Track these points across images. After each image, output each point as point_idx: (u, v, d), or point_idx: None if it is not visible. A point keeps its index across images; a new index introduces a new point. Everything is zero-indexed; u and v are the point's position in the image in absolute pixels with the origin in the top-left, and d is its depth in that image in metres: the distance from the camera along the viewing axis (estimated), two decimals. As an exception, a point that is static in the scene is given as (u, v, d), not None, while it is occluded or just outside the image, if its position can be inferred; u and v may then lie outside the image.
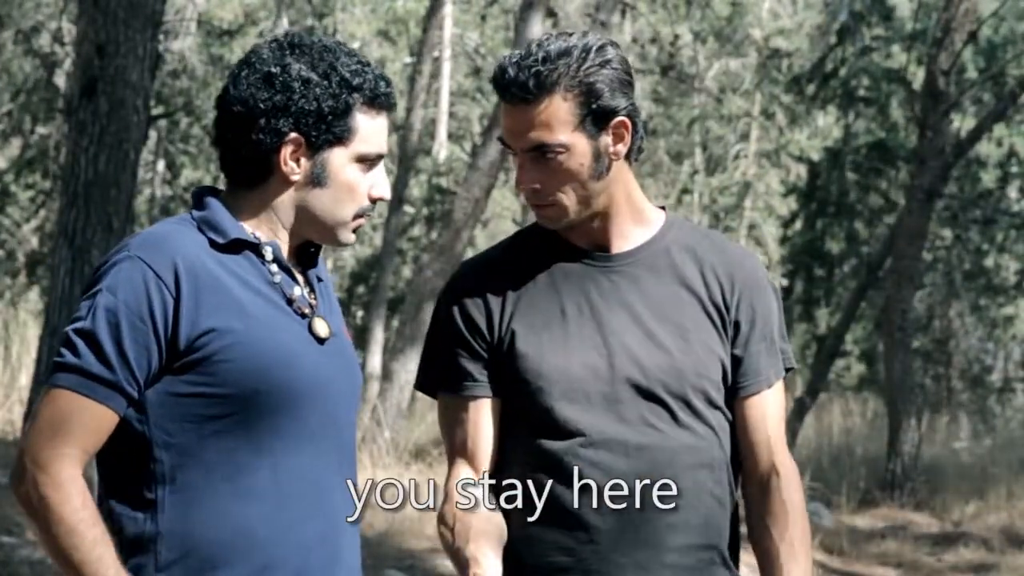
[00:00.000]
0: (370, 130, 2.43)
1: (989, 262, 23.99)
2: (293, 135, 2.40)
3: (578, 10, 19.00)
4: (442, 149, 23.36)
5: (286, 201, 2.44)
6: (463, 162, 23.21)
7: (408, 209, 21.56)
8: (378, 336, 15.55)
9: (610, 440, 2.57)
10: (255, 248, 2.43)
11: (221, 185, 2.57)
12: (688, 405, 2.61)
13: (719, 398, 2.65)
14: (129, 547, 2.35)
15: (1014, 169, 22.40)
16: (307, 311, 2.45)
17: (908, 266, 14.20)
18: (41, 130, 20.74)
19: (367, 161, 2.44)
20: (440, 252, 12.94)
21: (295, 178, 2.42)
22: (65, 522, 2.27)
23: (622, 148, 2.62)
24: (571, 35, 2.62)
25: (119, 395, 2.32)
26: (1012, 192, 23.24)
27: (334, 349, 2.47)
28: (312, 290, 2.50)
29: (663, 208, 2.76)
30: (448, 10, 20.09)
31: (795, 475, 2.69)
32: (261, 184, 2.44)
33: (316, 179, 2.42)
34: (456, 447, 2.65)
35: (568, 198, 2.60)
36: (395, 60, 24.86)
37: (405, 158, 16.31)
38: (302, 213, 2.44)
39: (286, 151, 2.40)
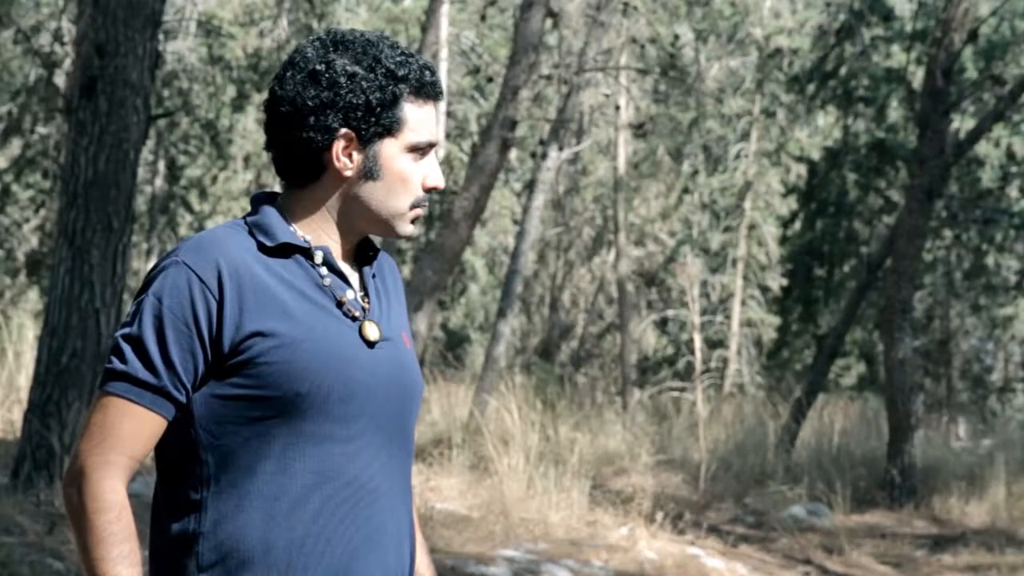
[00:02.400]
0: (418, 119, 2.44)
1: (989, 262, 24.00)
2: (344, 130, 2.40)
3: (578, 10, 18.99)
4: (441, 149, 23.37)
5: (341, 197, 2.45)
6: (462, 162, 23.21)
7: (408, 209, 21.51)
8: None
9: None
10: (306, 252, 2.43)
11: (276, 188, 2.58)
12: None
13: None
14: (174, 546, 2.37)
15: (1014, 169, 22.40)
16: (358, 314, 2.45)
17: (908, 266, 14.20)
18: (41, 130, 20.74)
19: (418, 150, 2.45)
20: (440, 252, 12.94)
21: (348, 173, 2.42)
22: (96, 532, 2.30)
23: None
24: None
25: (166, 400, 2.34)
26: (1012, 192, 23.24)
27: (386, 353, 2.46)
28: (366, 293, 2.50)
29: None
30: (445, 9, 20.08)
31: None
32: (314, 182, 2.44)
33: (369, 172, 2.43)
34: None
35: None
36: (395, 60, 24.85)
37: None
38: (357, 208, 2.45)
39: (338, 147, 2.41)
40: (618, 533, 10.00)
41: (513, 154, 22.88)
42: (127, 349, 2.35)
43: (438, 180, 2.47)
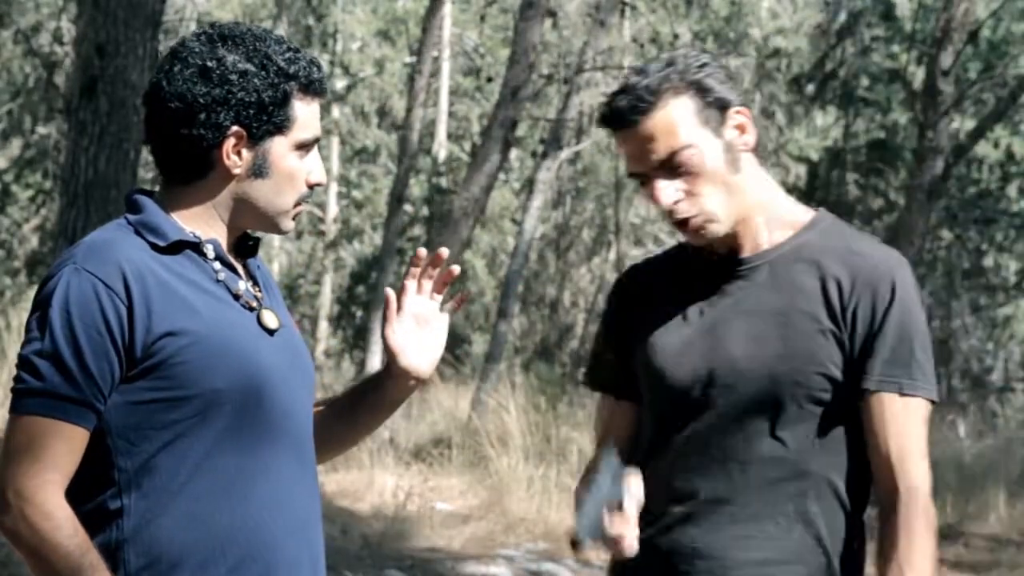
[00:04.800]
0: (307, 116, 2.42)
1: (989, 262, 24.01)
2: (235, 128, 2.37)
3: (578, 10, 19.01)
4: (441, 149, 23.36)
5: (227, 195, 2.42)
6: (463, 162, 23.22)
7: (408, 209, 21.57)
8: (378, 336, 15.53)
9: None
10: (195, 247, 2.41)
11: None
12: (782, 410, 2.54)
13: (822, 405, 2.54)
14: None
15: (1014, 169, 22.41)
16: (254, 304, 2.44)
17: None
18: (41, 130, 20.76)
19: (305, 147, 2.43)
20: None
21: (237, 171, 2.40)
22: (61, 549, 2.25)
23: (750, 138, 2.60)
24: (670, 55, 2.63)
25: (90, 411, 2.29)
26: (1012, 192, 23.24)
27: (284, 341, 2.46)
28: (256, 283, 2.49)
29: (818, 209, 2.70)
30: (447, 9, 20.10)
31: (920, 497, 2.52)
32: (200, 179, 2.41)
33: (258, 170, 2.40)
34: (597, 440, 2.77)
35: (714, 200, 2.56)
36: (395, 60, 24.87)
37: (405, 158, 16.31)
38: (243, 205, 2.43)
39: (228, 145, 2.38)
40: (618, 533, 9.98)
41: (513, 154, 22.89)
42: (42, 365, 2.28)
43: (321, 176, 2.46)
